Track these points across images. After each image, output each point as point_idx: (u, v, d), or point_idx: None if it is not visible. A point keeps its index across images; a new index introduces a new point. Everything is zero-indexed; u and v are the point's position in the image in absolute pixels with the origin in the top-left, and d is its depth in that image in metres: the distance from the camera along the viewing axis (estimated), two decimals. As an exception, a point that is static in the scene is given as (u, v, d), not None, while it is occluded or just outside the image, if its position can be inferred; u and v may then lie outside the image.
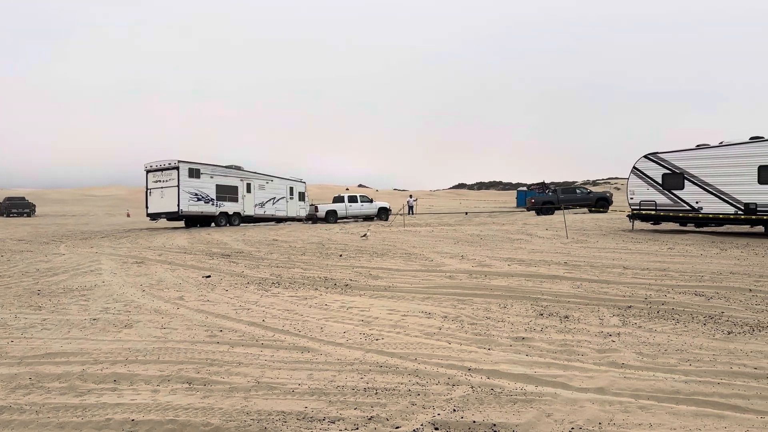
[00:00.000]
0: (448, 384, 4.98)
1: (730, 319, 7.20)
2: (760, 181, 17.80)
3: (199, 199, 27.93)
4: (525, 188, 63.34)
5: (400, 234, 22.44)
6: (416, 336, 6.69)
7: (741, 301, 8.21)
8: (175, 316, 8.07)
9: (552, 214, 34.73)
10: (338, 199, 34.88)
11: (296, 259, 14.77)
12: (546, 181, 60.74)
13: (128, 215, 50.69)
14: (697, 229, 20.81)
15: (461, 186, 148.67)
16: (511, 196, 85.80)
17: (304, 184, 36.04)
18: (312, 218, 34.03)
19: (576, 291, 9.27)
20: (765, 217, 17.79)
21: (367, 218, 35.20)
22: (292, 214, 34.34)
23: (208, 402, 4.69)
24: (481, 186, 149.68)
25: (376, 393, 4.79)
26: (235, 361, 5.79)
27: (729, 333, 6.55)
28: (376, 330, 7.01)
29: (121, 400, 4.77)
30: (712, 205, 19.05)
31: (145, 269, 13.34)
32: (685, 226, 20.93)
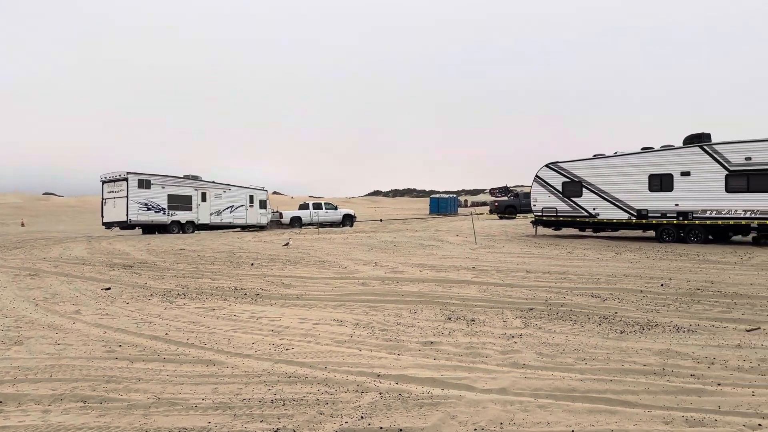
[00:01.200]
0: (357, 391, 4.98)
1: (622, 319, 7.68)
2: (651, 189, 19.19)
3: (149, 209, 28.54)
4: (438, 195, 64.77)
5: (314, 242, 22.28)
6: (327, 344, 6.65)
7: (633, 302, 8.79)
8: (71, 332, 7.58)
9: (515, 217, 35.33)
10: (303, 206, 35.85)
11: (205, 268, 14.29)
12: (508, 185, 62.21)
13: (23, 224, 47.14)
14: (595, 234, 22.10)
15: (377, 193, 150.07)
16: (425, 203, 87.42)
17: (265, 192, 36.19)
18: (277, 225, 34.43)
19: (482, 295, 9.57)
20: (655, 222, 19.18)
21: (333, 225, 35.86)
22: (252, 221, 34.34)
23: (104, 421, 4.43)
24: (396, 193, 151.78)
25: (284, 404, 4.71)
26: (134, 378, 5.51)
27: (621, 332, 6.99)
28: (286, 340, 6.90)
29: (7, 423, 4.41)
30: (608, 212, 20.33)
31: (39, 282, 12.44)
32: (585, 231, 22.18)
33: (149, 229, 29.56)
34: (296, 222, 34.51)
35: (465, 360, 5.94)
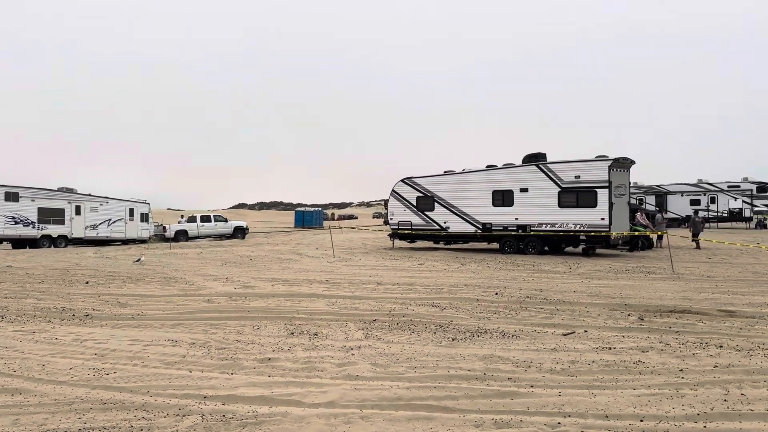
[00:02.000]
0: (177, 415, 4.73)
1: (456, 326, 8.08)
2: (494, 204, 20.57)
3: (17, 222, 27.52)
4: (303, 209, 64.44)
5: (164, 257, 21.11)
6: (155, 367, 6.27)
7: (468, 310, 9.29)
8: None
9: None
10: (191, 219, 34.47)
11: (32, 287, 12.94)
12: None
13: None
14: (447, 247, 23.21)
15: (242, 206, 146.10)
16: (291, 216, 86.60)
17: (147, 205, 34.09)
18: (161, 239, 32.80)
19: (330, 308, 9.61)
20: (498, 235, 20.56)
21: (223, 237, 34.59)
22: (131, 235, 32.49)
23: None
24: (262, 206, 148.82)
25: (92, 434, 4.34)
26: None
27: (453, 340, 7.34)
28: (109, 363, 6.40)
29: None
30: (457, 225, 21.46)
31: None
32: (438, 243, 23.21)
33: (19, 243, 28.17)
34: (182, 236, 33.15)
35: (300, 375, 5.89)
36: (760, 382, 5.44)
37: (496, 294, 10.86)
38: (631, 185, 45.99)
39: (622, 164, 18.92)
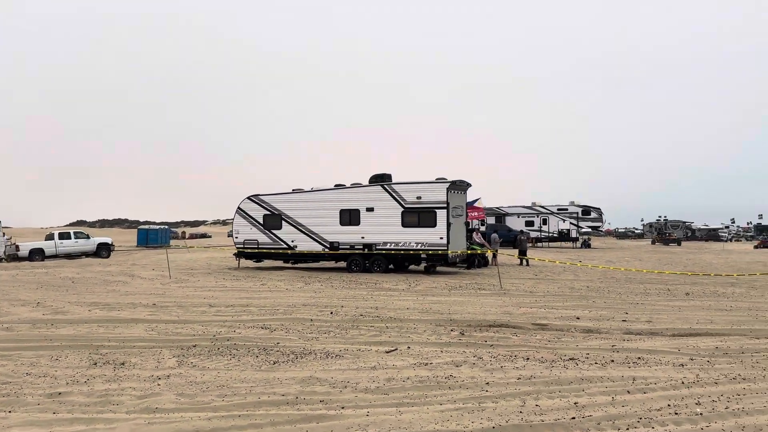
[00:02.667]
0: None
1: (281, 349, 7.82)
2: (342, 223, 20.65)
3: None
4: (147, 227, 60.41)
5: (-32, 280, 18.48)
6: None
7: (299, 331, 9.07)
8: None
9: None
10: (49, 237, 31.17)
11: None
12: None
13: None
14: (294, 266, 22.86)
15: (81, 223, 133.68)
16: (134, 235, 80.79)
17: None
18: (13, 258, 28.82)
19: (147, 334, 8.88)
20: (345, 253, 20.66)
21: (86, 255, 31.16)
22: None
23: None
24: (104, 223, 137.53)
25: None
26: None
27: (275, 363, 7.07)
28: None
29: None
30: (305, 244, 21.24)
31: None
32: (288, 262, 22.79)
33: None
34: (37, 254, 29.32)
35: (91, 410, 5.27)
36: (555, 392, 5.81)
37: (331, 313, 10.77)
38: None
39: (459, 186, 19.96)
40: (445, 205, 19.03)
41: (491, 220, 47.12)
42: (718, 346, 7.91)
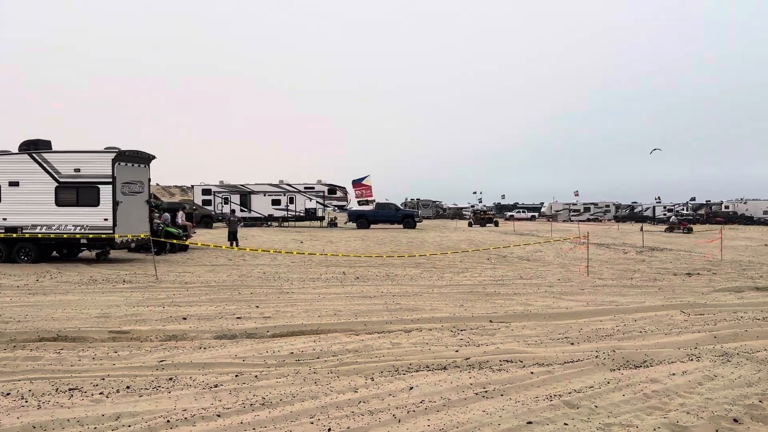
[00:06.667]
0: None
1: None
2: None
3: None
4: None
5: None
6: None
7: None
8: None
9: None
10: None
11: None
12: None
13: None
14: None
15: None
16: None
17: None
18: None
19: None
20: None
21: None
22: None
23: None
24: None
25: None
26: None
27: None
28: None
29: None
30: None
31: None
32: None
33: None
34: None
35: None
36: None
37: None
38: (218, 184, 45.85)
39: (134, 157, 16.82)
40: (111, 180, 15.85)
41: (236, 199, 44.57)
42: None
